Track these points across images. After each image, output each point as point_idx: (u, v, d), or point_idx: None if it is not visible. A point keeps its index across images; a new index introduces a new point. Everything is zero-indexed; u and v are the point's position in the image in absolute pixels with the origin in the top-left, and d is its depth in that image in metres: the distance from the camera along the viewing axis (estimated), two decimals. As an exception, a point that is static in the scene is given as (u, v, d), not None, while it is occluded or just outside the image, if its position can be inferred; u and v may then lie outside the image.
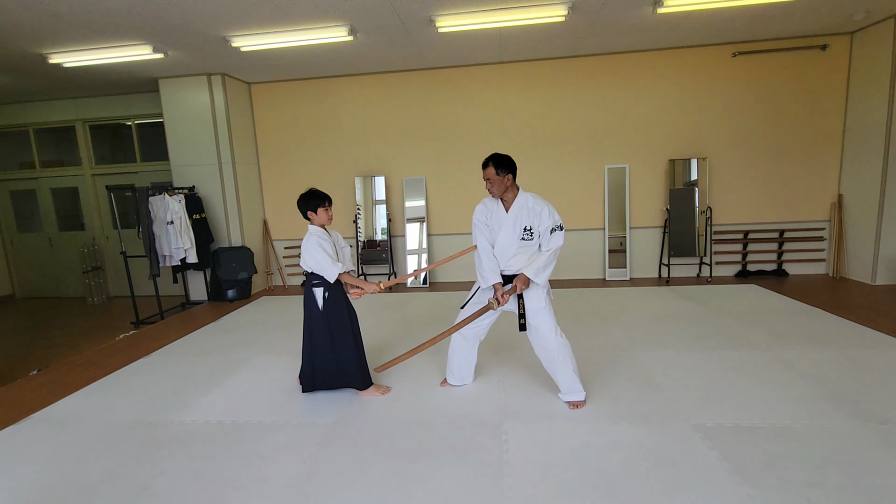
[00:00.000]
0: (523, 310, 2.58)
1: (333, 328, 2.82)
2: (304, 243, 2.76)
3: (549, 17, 4.23)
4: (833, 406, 2.54)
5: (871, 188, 5.14)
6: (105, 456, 2.39)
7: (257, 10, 3.87)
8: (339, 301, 2.84)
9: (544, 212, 2.56)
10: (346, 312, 2.87)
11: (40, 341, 4.93)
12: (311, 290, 2.81)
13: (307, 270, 2.80)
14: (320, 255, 2.70)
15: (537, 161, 5.97)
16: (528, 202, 2.59)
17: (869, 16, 4.72)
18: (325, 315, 2.80)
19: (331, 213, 2.89)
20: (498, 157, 2.59)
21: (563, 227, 2.57)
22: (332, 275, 2.71)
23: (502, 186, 2.59)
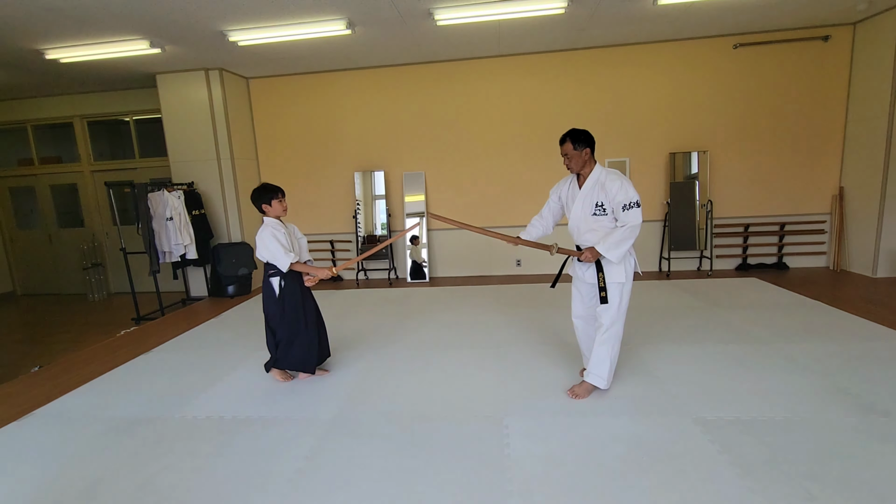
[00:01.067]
0: (603, 283, 2.56)
1: (289, 316, 2.96)
2: (259, 234, 2.87)
3: (549, 10, 4.19)
4: (834, 399, 2.54)
5: (872, 181, 5.12)
6: (106, 452, 2.40)
7: (255, 4, 3.84)
8: (296, 290, 2.97)
9: (614, 186, 2.48)
10: (300, 300, 2.99)
11: (41, 338, 4.94)
12: (268, 279, 2.94)
13: (264, 261, 2.92)
14: (273, 246, 2.82)
15: (538, 154, 5.95)
16: (602, 177, 2.54)
17: (872, 6, 4.68)
18: (281, 304, 2.94)
19: (285, 204, 3.00)
20: (575, 131, 2.56)
21: (639, 203, 2.47)
22: (284, 264, 2.84)
23: (580, 161, 2.56)
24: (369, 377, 3.15)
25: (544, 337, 3.72)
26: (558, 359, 3.27)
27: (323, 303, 5.16)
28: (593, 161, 2.60)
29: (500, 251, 6.20)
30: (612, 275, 2.57)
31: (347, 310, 4.88)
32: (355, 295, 5.57)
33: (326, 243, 6.48)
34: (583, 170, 2.59)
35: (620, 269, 2.55)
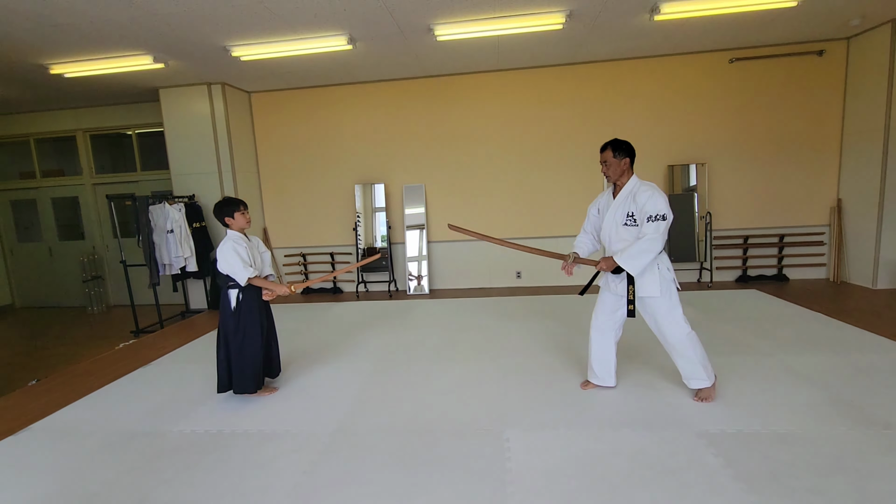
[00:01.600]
0: (632, 296, 2.57)
1: (245, 330, 2.93)
2: (220, 248, 2.88)
3: (548, 25, 4.26)
4: (836, 411, 2.52)
5: (870, 192, 5.15)
6: (104, 466, 2.37)
7: (257, 20, 3.91)
8: (252, 304, 2.96)
9: (644, 196, 2.49)
10: (257, 316, 2.97)
11: (40, 351, 4.91)
12: (226, 291, 2.94)
13: (223, 273, 2.92)
14: (233, 259, 2.83)
15: (536, 167, 5.99)
16: (636, 188, 2.56)
17: (865, 21, 4.76)
18: (236, 317, 2.92)
19: (248, 216, 3.00)
20: (618, 140, 2.61)
21: (664, 216, 2.44)
22: (242, 278, 2.86)
23: (618, 170, 2.59)
24: (369, 390, 3.13)
25: (545, 349, 3.71)
26: (559, 371, 3.26)
27: (322, 315, 5.19)
28: (631, 172, 2.62)
29: (501, 263, 6.21)
30: (645, 288, 2.57)
31: (347, 322, 4.87)
32: (355, 307, 5.56)
33: (327, 255, 6.49)
34: (620, 179, 2.62)
35: (654, 282, 2.55)
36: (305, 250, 6.54)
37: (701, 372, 2.63)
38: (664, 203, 2.47)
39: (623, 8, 4.06)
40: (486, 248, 6.19)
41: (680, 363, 2.67)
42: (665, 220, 2.46)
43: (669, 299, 2.58)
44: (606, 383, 2.90)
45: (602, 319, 2.81)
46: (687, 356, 2.61)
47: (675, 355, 2.67)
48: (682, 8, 4.04)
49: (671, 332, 2.60)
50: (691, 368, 2.64)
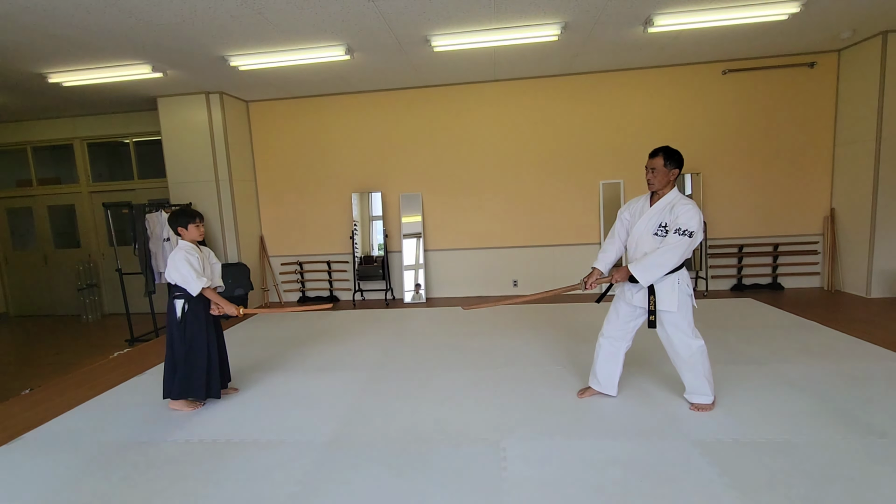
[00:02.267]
0: (653, 306, 2.55)
1: (190, 340, 2.93)
2: (171, 257, 2.89)
3: (543, 37, 4.32)
4: (832, 420, 2.53)
5: (862, 202, 5.20)
6: (97, 477, 2.35)
7: (256, 31, 3.94)
8: (199, 314, 2.95)
9: (681, 209, 2.46)
10: (204, 326, 2.96)
11: (33, 360, 4.87)
12: (172, 301, 2.93)
13: (171, 283, 2.91)
14: (185, 269, 2.82)
15: (533, 177, 6.03)
16: (675, 200, 2.53)
17: (855, 34, 4.84)
18: (182, 327, 2.92)
19: (202, 230, 3.01)
20: (670, 149, 2.56)
21: (692, 233, 2.41)
22: (194, 289, 2.85)
23: (664, 179, 2.55)
24: (365, 399, 3.12)
25: (542, 358, 3.71)
26: (556, 380, 3.26)
27: (319, 324, 5.17)
28: (674, 184, 2.59)
29: (498, 272, 6.22)
30: (662, 302, 2.55)
31: (343, 330, 4.86)
32: (351, 315, 5.55)
33: (323, 264, 6.49)
34: (662, 189, 2.59)
35: (673, 297, 2.52)
36: (302, 259, 6.54)
37: (705, 387, 2.64)
38: (697, 221, 2.44)
39: (617, 20, 4.13)
40: (482, 258, 6.21)
41: (687, 377, 2.66)
42: (691, 238, 2.42)
43: (685, 315, 2.57)
44: (608, 391, 2.89)
45: (613, 328, 2.80)
46: (694, 369, 2.61)
47: (684, 368, 2.66)
48: (676, 21, 4.10)
49: (683, 343, 2.59)
50: (696, 383, 2.64)
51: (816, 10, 4.13)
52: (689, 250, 2.47)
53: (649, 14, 4.02)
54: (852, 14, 4.30)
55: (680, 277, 2.56)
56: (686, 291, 2.58)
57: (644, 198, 2.72)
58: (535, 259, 6.14)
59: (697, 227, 2.44)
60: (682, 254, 2.45)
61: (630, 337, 2.80)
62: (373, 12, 3.70)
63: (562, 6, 3.78)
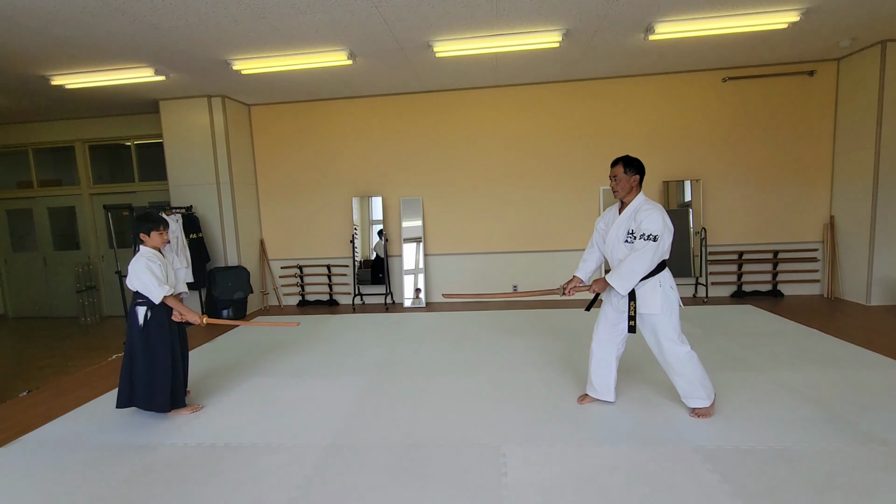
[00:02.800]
0: (633, 311, 2.59)
1: (152, 348, 2.86)
2: (132, 264, 2.82)
3: (544, 44, 4.34)
4: (832, 428, 2.53)
5: (862, 210, 5.21)
6: (94, 480, 2.33)
7: (259, 35, 3.96)
8: (162, 322, 2.89)
9: (644, 215, 2.50)
10: (167, 334, 2.90)
11: (31, 362, 4.85)
12: (134, 308, 2.87)
13: (133, 290, 2.85)
14: (146, 277, 2.77)
15: (533, 182, 6.05)
16: (640, 206, 2.58)
17: (854, 43, 4.87)
18: (144, 335, 2.85)
19: (166, 237, 2.95)
20: (629, 157, 2.66)
21: (656, 237, 2.45)
22: (156, 296, 2.79)
23: (627, 186, 2.63)
24: (364, 403, 3.11)
25: (542, 364, 3.70)
26: (556, 386, 3.25)
27: (318, 326, 5.16)
28: (638, 189, 2.65)
29: (497, 277, 6.21)
30: (646, 305, 2.57)
31: (343, 334, 4.85)
32: (351, 319, 5.54)
33: (323, 268, 6.48)
34: (627, 196, 2.65)
35: (655, 299, 2.55)
36: (302, 262, 6.54)
37: (699, 391, 2.63)
38: (660, 224, 2.47)
39: (618, 28, 4.15)
40: (482, 263, 6.21)
41: (677, 381, 2.67)
42: (656, 241, 2.46)
43: (670, 317, 2.58)
44: (605, 398, 2.89)
45: (603, 333, 2.81)
46: (685, 375, 2.62)
47: (671, 373, 2.67)
48: (676, 28, 4.13)
49: (670, 350, 2.60)
50: (689, 388, 2.64)
51: (816, 20, 4.16)
52: (658, 253, 2.50)
53: (650, 22, 4.05)
54: (851, 23, 4.33)
55: (661, 280, 2.57)
56: (671, 294, 2.59)
57: (615, 207, 2.78)
58: (535, 264, 6.14)
59: (661, 229, 2.47)
60: (652, 258, 2.48)
61: (620, 341, 2.80)
62: (376, 18, 3.72)
63: (563, 13, 3.80)
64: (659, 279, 2.58)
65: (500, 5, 3.61)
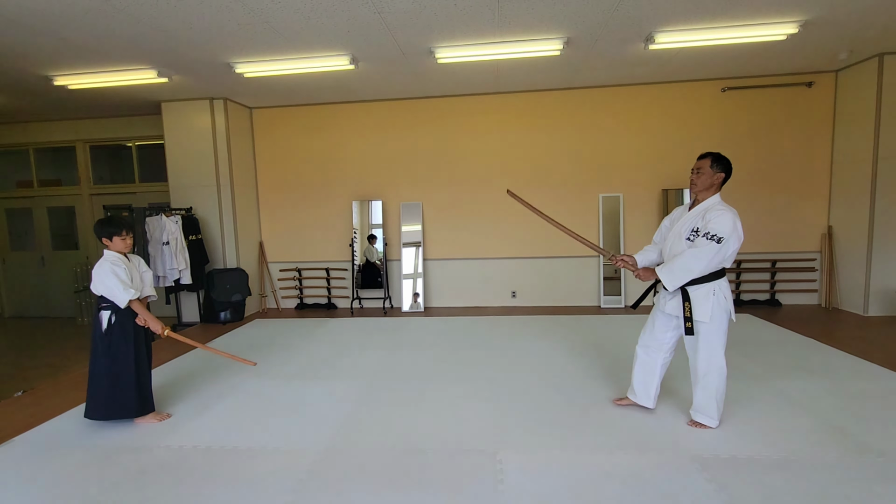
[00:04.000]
0: (689, 313, 2.49)
1: (115, 354, 2.79)
2: (96, 268, 2.76)
3: (545, 51, 4.37)
4: (829, 438, 2.52)
5: (859, 221, 5.23)
6: (87, 481, 2.32)
7: (262, 39, 3.98)
8: (127, 327, 2.82)
9: (710, 214, 2.44)
10: (132, 339, 2.83)
11: (27, 362, 4.83)
12: (98, 313, 2.81)
13: (97, 294, 2.79)
14: (111, 281, 2.71)
15: (533, 189, 6.06)
16: (709, 205, 2.50)
17: (852, 55, 4.91)
18: (107, 339, 2.78)
19: (129, 241, 2.86)
20: (720, 154, 2.56)
21: (720, 238, 2.35)
22: (121, 300, 2.73)
23: (708, 182, 2.53)
24: (361, 408, 3.10)
25: (540, 370, 3.70)
26: (554, 393, 3.24)
27: (316, 331, 5.15)
28: (718, 190, 2.55)
29: (496, 282, 6.22)
30: (699, 312, 2.48)
31: (340, 339, 4.83)
32: (349, 323, 5.53)
33: (322, 271, 6.48)
34: (703, 193, 2.56)
35: (707, 306, 2.46)
36: (301, 265, 6.53)
37: (713, 410, 2.60)
38: (730, 227, 2.37)
39: (619, 37, 4.19)
40: (482, 267, 6.21)
41: (699, 394, 2.63)
42: (719, 243, 2.36)
43: (718, 329, 2.50)
44: (644, 403, 2.83)
45: (648, 338, 2.77)
46: (707, 389, 2.57)
47: (695, 383, 2.63)
48: (676, 39, 4.16)
49: (705, 359, 2.53)
50: (705, 403, 2.61)
51: (814, 32, 4.19)
52: (719, 256, 2.40)
53: (650, 31, 4.08)
54: (849, 36, 4.37)
55: (717, 287, 2.48)
56: (723, 305, 2.49)
57: (684, 206, 2.70)
58: (535, 270, 6.15)
59: (729, 233, 2.36)
60: (711, 259, 2.38)
61: (668, 349, 2.73)
62: (378, 23, 3.75)
63: (564, 22, 3.83)
64: (714, 286, 2.47)
65: (501, 13, 3.64)
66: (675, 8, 3.63)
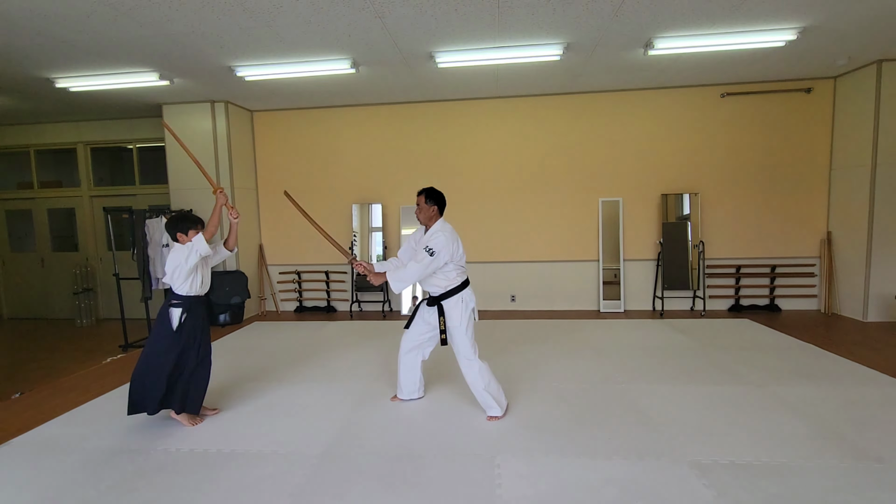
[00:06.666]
0: (444, 325, 2.89)
1: (183, 350, 2.82)
2: (171, 254, 2.78)
3: (545, 56, 4.39)
4: (828, 444, 2.52)
5: (858, 226, 5.24)
6: (85, 485, 2.31)
7: (264, 43, 4.00)
8: (196, 324, 2.85)
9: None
10: (199, 336, 2.87)
11: (25, 363, 4.82)
12: (167, 309, 2.81)
13: (169, 287, 2.82)
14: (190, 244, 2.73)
15: (532, 193, 6.07)
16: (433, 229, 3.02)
17: (851, 62, 4.94)
18: (177, 336, 2.79)
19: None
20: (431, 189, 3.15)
21: (432, 252, 2.83)
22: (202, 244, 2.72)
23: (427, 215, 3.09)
24: (359, 412, 3.09)
25: (537, 375, 3.69)
26: (551, 397, 3.24)
27: (315, 334, 5.14)
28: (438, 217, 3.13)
29: (496, 286, 6.22)
30: (451, 318, 2.88)
31: (338, 341, 4.83)
32: (348, 326, 5.52)
33: (321, 274, 6.48)
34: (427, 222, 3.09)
35: (456, 313, 2.87)
36: (300, 268, 6.53)
37: (492, 401, 2.88)
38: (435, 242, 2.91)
39: (619, 42, 4.21)
40: (480, 272, 6.21)
41: (476, 395, 2.92)
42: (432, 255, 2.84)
43: (466, 329, 2.87)
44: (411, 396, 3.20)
45: (414, 341, 3.14)
46: (476, 384, 2.88)
47: (469, 384, 2.92)
48: (676, 44, 4.18)
49: (461, 359, 2.91)
50: (483, 399, 2.91)
51: (813, 39, 4.22)
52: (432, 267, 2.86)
53: (650, 37, 4.10)
54: (848, 43, 4.39)
55: (463, 296, 2.92)
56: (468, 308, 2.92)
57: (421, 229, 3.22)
58: (534, 274, 6.15)
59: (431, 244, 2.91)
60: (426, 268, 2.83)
61: (427, 350, 3.16)
62: (379, 28, 3.77)
63: (564, 27, 3.85)
64: (462, 296, 2.92)
65: (501, 18, 3.65)
66: (675, 14, 3.65)
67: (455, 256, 2.91)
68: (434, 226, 3.03)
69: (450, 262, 2.88)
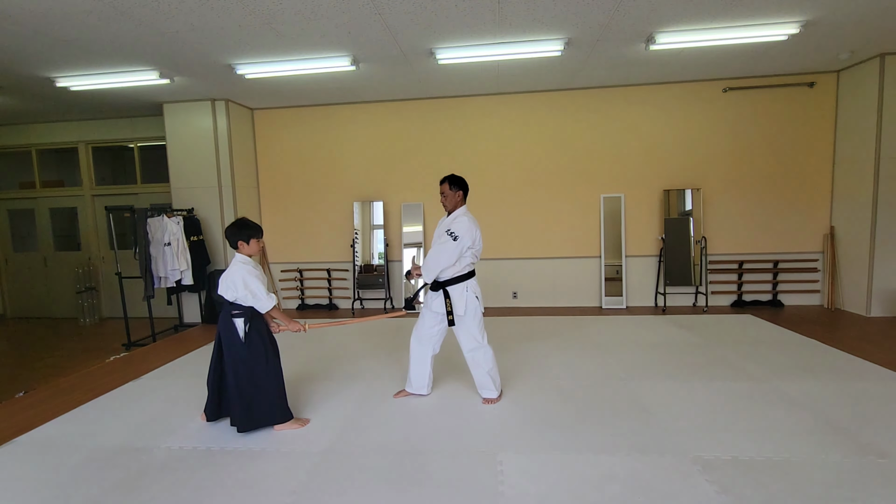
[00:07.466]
0: (450, 307, 2.96)
1: (257, 360, 2.71)
2: (232, 272, 2.66)
3: (546, 52, 4.37)
4: (831, 439, 2.51)
5: (862, 221, 5.22)
6: (88, 483, 2.32)
7: (264, 40, 3.99)
8: (262, 332, 2.75)
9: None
10: (267, 344, 2.76)
11: (28, 362, 4.85)
12: (230, 320, 2.69)
13: (229, 299, 2.69)
14: (255, 285, 2.64)
15: (534, 189, 6.06)
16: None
17: (854, 55, 4.90)
18: (245, 347, 2.69)
19: (262, 244, 2.86)
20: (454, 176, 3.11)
21: (455, 237, 2.85)
22: (265, 306, 2.68)
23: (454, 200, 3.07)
24: (361, 409, 3.10)
25: (540, 371, 3.69)
26: (554, 393, 3.24)
27: (316, 332, 5.14)
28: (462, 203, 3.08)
29: (497, 283, 6.21)
30: (456, 306, 2.97)
31: (341, 339, 4.84)
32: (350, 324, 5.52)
33: (323, 272, 6.48)
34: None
35: (462, 301, 2.96)
36: (302, 266, 6.54)
37: (490, 383, 3.04)
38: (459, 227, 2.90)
39: (620, 37, 4.18)
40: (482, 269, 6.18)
41: (475, 373, 3.07)
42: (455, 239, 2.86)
43: (474, 316, 3.01)
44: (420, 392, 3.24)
45: (420, 333, 3.19)
46: (479, 367, 3.03)
47: (470, 366, 3.08)
48: (677, 39, 4.15)
49: (466, 345, 3.05)
50: (483, 379, 3.06)
51: (816, 32, 4.18)
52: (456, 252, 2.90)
53: (651, 32, 4.07)
54: (851, 36, 4.36)
55: (468, 286, 2.99)
56: (471, 295, 3.00)
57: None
58: (536, 271, 6.14)
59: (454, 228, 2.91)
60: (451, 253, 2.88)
61: (438, 343, 3.20)
62: (379, 25, 3.75)
63: (565, 22, 3.83)
64: (467, 285, 2.99)
65: (502, 14, 3.64)
66: (676, 8, 3.63)
67: (475, 244, 2.94)
68: (457, 210, 3.02)
69: (471, 247, 2.91)
